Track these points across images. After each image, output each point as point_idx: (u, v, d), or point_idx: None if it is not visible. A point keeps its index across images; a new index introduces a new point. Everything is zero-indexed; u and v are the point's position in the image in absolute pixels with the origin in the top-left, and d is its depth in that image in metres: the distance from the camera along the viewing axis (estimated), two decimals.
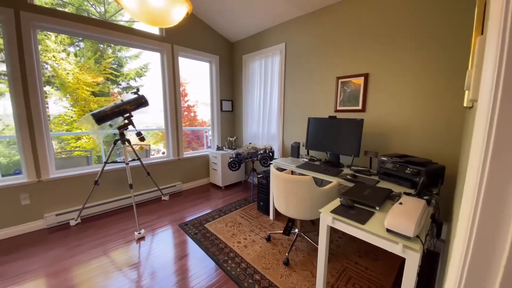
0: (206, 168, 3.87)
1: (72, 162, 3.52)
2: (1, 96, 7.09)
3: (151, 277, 1.74)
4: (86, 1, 7.67)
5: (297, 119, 3.00)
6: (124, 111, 2.37)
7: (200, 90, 11.65)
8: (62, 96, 7.48)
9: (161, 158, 3.36)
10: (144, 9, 1.27)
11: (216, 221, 2.56)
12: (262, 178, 2.68)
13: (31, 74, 2.23)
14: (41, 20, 2.25)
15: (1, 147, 6.69)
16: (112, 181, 2.82)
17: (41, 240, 2.20)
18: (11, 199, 2.24)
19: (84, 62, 8.09)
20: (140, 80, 9.94)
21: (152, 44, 3.01)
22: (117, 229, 2.39)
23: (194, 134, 10.89)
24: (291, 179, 1.75)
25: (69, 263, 1.87)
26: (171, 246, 2.14)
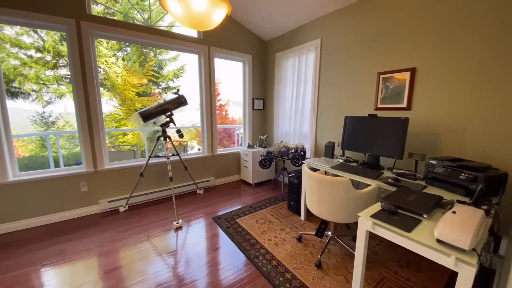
0: (237, 165, 3.97)
1: (121, 155, 3.93)
2: (63, 97, 8.29)
3: (186, 265, 1.86)
4: (132, 9, 8.45)
5: (332, 118, 2.89)
6: (166, 110, 2.57)
7: (232, 89, 11.95)
8: (112, 96, 8.39)
9: (197, 154, 3.55)
10: (188, 14, 1.35)
11: (247, 217, 2.61)
12: (293, 178, 2.65)
13: (90, 77, 2.55)
14: (98, 28, 2.54)
15: (63, 141, 7.74)
16: (154, 173, 3.08)
17: (95, 223, 2.52)
18: (72, 186, 2.60)
19: (130, 65, 8.96)
20: (177, 80, 10.63)
21: (191, 46, 3.19)
22: (158, 217, 2.61)
23: (225, 132, 11.24)
24: (326, 180, 1.70)
25: (119, 245, 2.11)
26: (205, 237, 2.25)
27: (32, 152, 7.60)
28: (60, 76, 8.05)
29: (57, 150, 5.17)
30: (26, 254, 1.96)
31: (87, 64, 2.52)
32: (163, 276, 1.72)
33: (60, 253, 1.97)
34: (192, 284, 1.64)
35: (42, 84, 7.78)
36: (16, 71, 7.07)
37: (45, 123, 8.14)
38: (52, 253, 1.98)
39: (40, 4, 2.23)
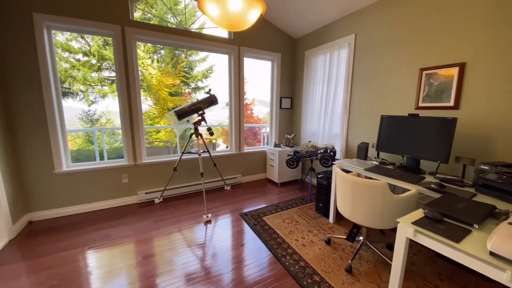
0: (263, 163, 3.99)
1: (156, 151, 4.21)
2: (105, 97, 9.13)
3: (213, 258, 1.93)
4: (166, 13, 8.96)
5: (365, 117, 2.75)
6: (199, 109, 2.69)
7: (257, 88, 11.98)
8: (147, 96, 9.01)
9: (225, 152, 3.66)
10: (224, 15, 1.40)
11: (274, 215, 2.62)
12: (322, 179, 2.58)
13: (132, 78, 2.77)
14: (139, 33, 2.75)
15: (105, 136, 8.47)
16: (186, 169, 3.25)
17: (134, 212, 2.74)
18: (115, 177, 2.86)
19: (164, 67, 9.53)
20: (205, 81, 11.04)
21: (222, 47, 3.28)
22: (189, 210, 2.75)
23: (250, 131, 11.37)
24: (361, 182, 1.62)
25: (154, 234, 2.27)
26: (232, 232, 2.31)
27: (79, 146, 8.52)
28: (103, 77, 8.89)
29: (101, 144, 5.73)
30: (78, 236, 2.21)
31: (130, 66, 2.74)
32: (191, 267, 1.81)
33: (105, 237, 2.19)
34: (219, 278, 1.69)
35: (88, 85, 8.68)
36: (66, 73, 7.99)
37: (90, 120, 9.06)
38: (99, 236, 2.21)
39: (93, 12, 2.48)
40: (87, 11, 2.46)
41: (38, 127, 2.41)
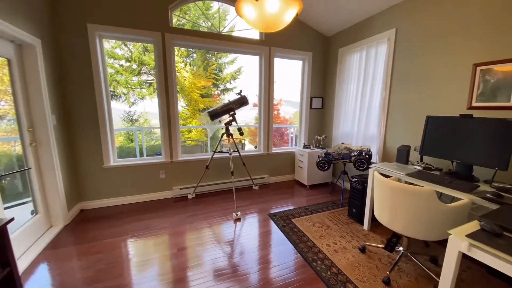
0: (291, 165, 3.94)
1: (190, 149, 4.43)
2: (144, 99, 9.90)
3: (240, 256, 1.96)
4: (198, 19, 9.38)
5: (406, 118, 2.54)
6: (230, 110, 2.77)
7: (285, 88, 11.82)
8: (180, 97, 9.54)
9: (253, 152, 3.70)
10: (261, 16, 1.41)
11: (303, 218, 2.57)
12: (356, 183, 2.46)
13: (170, 81, 2.96)
14: (177, 38, 2.92)
15: (142, 135, 9.12)
16: (217, 167, 3.36)
17: (169, 206, 2.92)
18: (154, 173, 3.08)
19: (196, 69, 10.01)
20: (234, 82, 11.32)
21: (253, 48, 3.33)
22: (220, 207, 2.84)
23: (277, 131, 11.32)
24: (404, 188, 1.51)
25: (187, 228, 2.39)
26: (260, 232, 2.32)
27: (121, 143, 9.37)
28: (142, 81, 9.67)
29: (140, 142, 6.23)
30: (122, 225, 2.43)
31: (168, 70, 2.93)
32: (220, 263, 1.86)
33: (145, 228, 2.38)
34: (246, 277, 1.71)
35: (129, 88, 9.51)
36: (111, 77, 8.85)
37: (131, 120, 9.91)
38: (140, 227, 2.40)
39: (138, 21, 2.71)
40: (133, 20, 2.69)
41: (90, 126, 2.71)
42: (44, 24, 2.25)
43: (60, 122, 2.45)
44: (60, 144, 2.41)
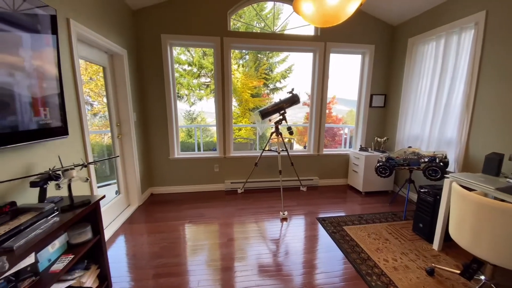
0: (344, 168, 3.67)
1: (238, 146, 4.65)
2: (202, 99, 10.85)
3: (285, 256, 1.93)
4: (252, 21, 9.67)
5: (500, 119, 2.03)
6: (281, 108, 2.76)
7: (339, 85, 10.99)
8: (233, 98, 10.08)
9: (302, 152, 3.60)
10: (320, 11, 1.35)
11: (357, 227, 2.36)
12: (426, 194, 2.11)
13: (227, 83, 3.15)
14: (234, 41, 3.08)
15: (200, 132, 9.95)
16: (265, 165, 3.42)
17: (221, 198, 3.13)
18: (209, 166, 3.35)
19: (248, 70, 10.39)
20: (283, 81, 11.27)
21: (307, 45, 3.23)
22: (267, 205, 2.88)
23: (327, 132, 10.71)
24: (494, 206, 1.21)
25: (236, 220, 2.51)
26: (307, 235, 2.25)
27: (182, 139, 10.53)
28: (201, 83, 10.62)
29: (198, 138, 6.87)
30: (181, 211, 2.74)
31: (225, 72, 3.12)
32: (264, 260, 1.88)
33: (200, 215, 2.61)
34: (289, 278, 1.67)
35: (191, 90, 10.58)
36: (176, 80, 10.00)
37: (190, 118, 11.03)
38: (195, 214, 2.66)
39: (201, 28, 2.98)
40: (197, 28, 2.97)
41: (161, 123, 3.14)
42: (129, 37, 2.71)
43: (139, 119, 2.92)
44: (138, 138, 2.88)
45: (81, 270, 1.35)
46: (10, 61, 1.12)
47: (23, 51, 1.18)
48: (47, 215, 1.09)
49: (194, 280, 1.64)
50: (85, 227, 1.33)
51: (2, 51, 1.08)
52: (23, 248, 0.90)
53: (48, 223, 1.05)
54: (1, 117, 1.07)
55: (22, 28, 1.18)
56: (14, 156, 1.23)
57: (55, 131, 1.41)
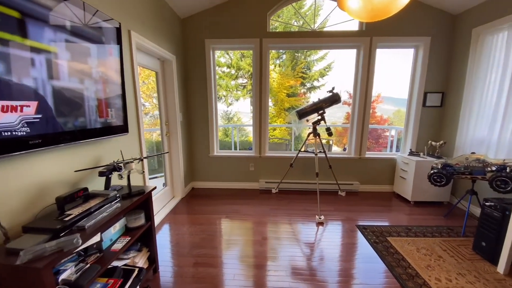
0: (390, 174, 3.35)
1: (275, 146, 4.66)
2: (238, 100, 11.17)
3: (319, 261, 1.87)
4: (290, 20, 9.54)
5: None
6: (320, 108, 2.67)
7: (384, 83, 10.11)
8: (269, 98, 10.13)
9: (342, 154, 3.42)
10: (368, 5, 1.27)
11: (403, 239, 2.14)
12: (493, 209, 1.79)
13: (264, 83, 3.19)
14: (273, 42, 3.10)
15: (235, 131, 10.25)
16: (301, 166, 3.36)
17: (255, 196, 3.19)
18: (244, 165, 3.44)
19: (284, 70, 10.31)
20: (322, 79, 10.83)
21: (350, 41, 3.05)
22: (302, 207, 2.82)
23: (371, 133, 9.91)
24: None
25: (270, 220, 2.52)
26: (345, 242, 2.13)
27: (219, 137, 11.02)
28: (238, 84, 10.94)
29: (235, 137, 7.12)
30: (218, 205, 2.88)
31: (263, 73, 3.17)
32: (297, 262, 1.85)
33: (235, 212, 2.71)
34: (323, 284, 1.61)
35: (228, 91, 10.99)
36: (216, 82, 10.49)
37: (227, 118, 11.47)
38: (231, 209, 2.76)
39: (241, 31, 3.07)
40: (237, 31, 3.08)
41: (202, 123, 3.35)
42: (177, 43, 2.96)
43: (184, 119, 3.17)
44: (183, 135, 3.13)
45: (135, 251, 1.54)
46: (85, 67, 1.34)
47: (92, 59, 1.40)
48: (111, 201, 1.27)
49: (229, 273, 1.72)
50: (139, 213, 1.51)
51: (78, 60, 1.29)
52: (92, 227, 1.08)
53: (112, 207, 1.23)
54: (75, 116, 1.28)
55: (92, 39, 1.39)
56: (86, 149, 1.47)
57: (118, 129, 1.63)
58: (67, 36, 1.22)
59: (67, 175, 1.33)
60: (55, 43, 1.15)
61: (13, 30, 0.96)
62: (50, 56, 1.13)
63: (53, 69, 1.14)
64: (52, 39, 1.13)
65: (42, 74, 1.09)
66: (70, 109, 1.24)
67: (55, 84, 1.15)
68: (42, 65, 1.08)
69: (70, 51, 1.24)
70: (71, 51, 1.25)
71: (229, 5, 3.03)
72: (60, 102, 1.18)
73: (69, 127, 1.23)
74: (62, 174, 1.29)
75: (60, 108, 1.18)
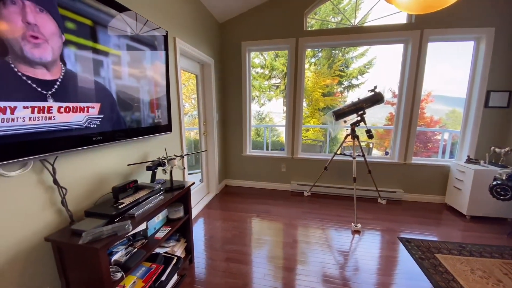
0: (441, 183, 2.97)
1: (308, 148, 4.54)
2: (271, 100, 11.15)
3: (354, 272, 1.75)
4: (327, 16, 9.15)
5: None
6: (359, 109, 2.51)
7: (438, 79, 9.10)
8: (303, 98, 9.91)
9: (383, 158, 3.16)
10: None
11: (455, 258, 1.88)
12: None
13: (299, 83, 3.13)
14: (309, 41, 3.02)
15: (267, 132, 10.27)
16: (336, 170, 3.20)
17: (286, 197, 3.15)
18: (276, 166, 3.43)
19: (320, 68, 9.94)
20: (361, 77, 10.13)
21: (396, 35, 2.80)
22: (335, 213, 2.69)
23: (418, 137, 8.89)
24: None
25: (301, 223, 2.47)
26: (384, 255, 1.96)
27: (251, 137, 11.18)
28: (271, 84, 10.94)
29: (267, 138, 7.15)
30: (250, 204, 2.93)
31: (298, 72, 3.11)
32: (329, 270, 1.77)
33: (266, 212, 2.73)
34: None
35: (261, 91, 11.07)
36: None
37: (259, 118, 11.57)
38: (262, 209, 2.79)
39: (277, 32, 3.07)
40: (273, 32, 3.08)
41: (237, 123, 3.45)
42: (216, 47, 3.10)
43: (220, 119, 3.31)
44: (218, 135, 3.27)
45: (174, 241, 1.66)
46: (137, 72, 1.50)
47: (145, 63, 1.55)
48: (156, 193, 1.40)
49: (259, 272, 1.74)
50: (179, 206, 1.63)
51: (133, 64, 1.45)
52: (140, 216, 1.20)
53: (157, 199, 1.35)
54: (132, 115, 1.44)
55: (145, 45, 1.55)
56: (137, 146, 1.65)
57: (163, 128, 1.79)
58: (127, 41, 1.39)
59: (121, 168, 1.50)
60: (118, 47, 1.32)
61: (87, 36, 1.13)
62: (115, 59, 1.30)
63: (117, 71, 1.32)
64: (116, 44, 1.30)
65: (108, 75, 1.26)
66: (127, 109, 1.40)
67: (117, 84, 1.32)
68: (108, 67, 1.26)
69: (130, 55, 1.41)
70: (131, 55, 1.42)
71: (265, 6, 3.05)
72: (119, 103, 1.34)
73: (124, 126, 1.40)
74: (117, 166, 1.47)
75: (118, 108, 1.34)
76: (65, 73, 1.03)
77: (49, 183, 1.09)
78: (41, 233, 1.06)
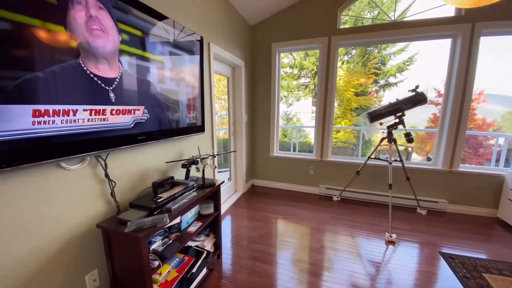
0: (493, 194, 2.62)
1: (339, 151, 4.37)
2: (299, 100, 10.92)
3: (386, 284, 1.64)
4: (363, 11, 8.64)
5: None
6: (398, 110, 2.34)
7: (491, 76, 8.08)
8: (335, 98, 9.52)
9: (425, 165, 2.89)
10: None
11: (506, 279, 1.65)
12: None
13: (331, 83, 3.04)
14: (343, 39, 2.91)
15: (295, 132, 10.11)
16: (370, 175, 3.02)
17: (314, 201, 3.07)
18: (304, 168, 3.37)
19: (353, 67, 9.44)
20: (400, 75, 9.35)
21: (442, 30, 2.53)
22: (368, 221, 2.55)
23: (467, 141, 7.91)
24: None
25: (329, 228, 2.39)
26: (423, 270, 1.80)
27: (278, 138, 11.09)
28: (300, 84, 10.73)
29: (295, 139, 7.06)
30: (276, 205, 2.93)
31: (330, 72, 3.01)
32: (359, 280, 1.68)
33: (293, 214, 2.70)
34: None
35: (290, 91, 10.94)
36: None
37: (286, 118, 11.45)
38: (289, 211, 2.77)
39: (310, 31, 3.02)
40: (304, 31, 3.04)
41: (264, 124, 3.48)
42: (246, 49, 3.16)
43: (248, 120, 3.37)
44: (247, 135, 3.34)
45: (204, 236, 1.75)
46: (177, 76, 1.62)
47: (184, 68, 1.66)
48: (190, 189, 1.49)
49: (285, 274, 1.73)
50: (210, 203, 1.71)
51: (173, 69, 1.56)
52: (176, 210, 1.29)
53: (191, 195, 1.44)
54: (172, 116, 1.56)
55: (183, 51, 1.66)
56: (174, 145, 1.77)
57: (197, 128, 1.89)
58: (169, 48, 1.51)
59: (160, 165, 1.63)
60: (162, 54, 1.45)
61: (137, 46, 1.27)
62: (159, 65, 1.43)
63: (160, 75, 1.44)
64: (160, 51, 1.43)
65: (153, 79, 1.39)
66: (168, 111, 1.53)
67: (160, 88, 1.45)
68: (153, 71, 1.39)
69: (171, 60, 1.54)
70: (172, 60, 1.54)
71: (296, 7, 3.02)
72: (161, 105, 1.46)
73: (165, 127, 1.52)
74: (156, 163, 1.60)
75: (161, 110, 1.46)
76: (122, 72, 1.18)
77: (101, 176, 1.24)
78: (93, 220, 1.21)
